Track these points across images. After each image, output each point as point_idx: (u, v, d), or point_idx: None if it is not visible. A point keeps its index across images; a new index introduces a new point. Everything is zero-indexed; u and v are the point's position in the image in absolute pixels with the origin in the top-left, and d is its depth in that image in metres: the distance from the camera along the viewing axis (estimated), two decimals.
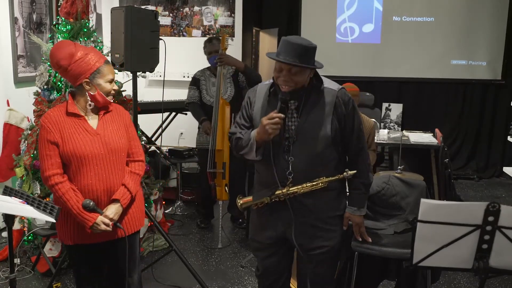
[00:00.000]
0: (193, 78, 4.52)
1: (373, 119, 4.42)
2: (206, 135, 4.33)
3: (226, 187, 4.14)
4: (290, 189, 2.24)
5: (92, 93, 2.32)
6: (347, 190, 2.42)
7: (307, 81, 2.25)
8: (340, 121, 2.26)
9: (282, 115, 2.17)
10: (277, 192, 2.27)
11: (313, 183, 2.24)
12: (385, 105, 6.68)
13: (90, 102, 2.34)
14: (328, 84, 2.30)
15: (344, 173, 2.27)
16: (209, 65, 4.50)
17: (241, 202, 2.40)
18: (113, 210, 2.33)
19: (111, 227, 2.32)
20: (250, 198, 2.39)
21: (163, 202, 4.62)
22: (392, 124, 6.66)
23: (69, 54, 2.28)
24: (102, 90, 2.32)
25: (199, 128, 4.48)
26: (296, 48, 2.14)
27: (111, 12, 3.40)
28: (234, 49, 6.14)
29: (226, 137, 4.08)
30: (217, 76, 4.16)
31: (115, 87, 2.39)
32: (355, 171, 2.27)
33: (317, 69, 2.25)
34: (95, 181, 2.31)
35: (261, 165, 2.35)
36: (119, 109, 2.49)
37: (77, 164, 2.29)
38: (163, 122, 5.16)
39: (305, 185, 2.24)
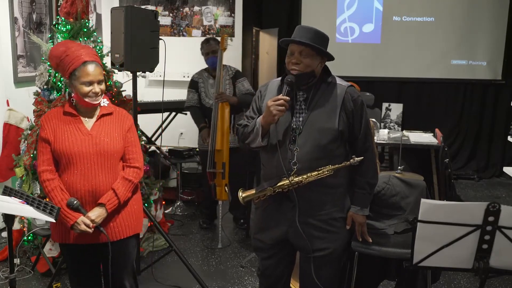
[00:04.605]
0: (191, 80, 4.51)
1: (373, 119, 4.41)
2: (203, 142, 4.35)
3: (226, 187, 4.14)
4: (294, 179, 2.23)
5: (73, 94, 2.38)
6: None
7: (317, 71, 2.27)
8: (348, 116, 2.26)
9: (288, 98, 2.19)
10: (279, 184, 2.26)
11: (319, 172, 2.23)
12: (385, 105, 6.68)
13: (72, 99, 2.41)
14: (337, 80, 2.33)
15: (351, 160, 2.25)
16: (206, 66, 4.49)
17: (243, 195, 2.36)
18: (96, 213, 2.31)
19: (92, 228, 2.30)
20: (252, 190, 2.36)
21: (163, 202, 4.62)
22: (392, 124, 6.66)
23: (55, 55, 2.35)
24: (79, 92, 2.32)
25: (199, 130, 4.48)
26: (309, 32, 2.21)
27: (111, 12, 3.40)
28: (234, 49, 6.14)
29: (225, 137, 4.09)
30: (217, 78, 4.16)
31: (96, 89, 2.32)
32: (361, 158, 2.26)
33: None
34: (80, 180, 2.31)
35: (266, 157, 2.35)
36: (121, 113, 2.47)
37: (66, 162, 2.32)
38: (163, 122, 5.16)
39: (310, 174, 2.23)
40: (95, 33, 3.79)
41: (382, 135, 5.03)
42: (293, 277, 2.61)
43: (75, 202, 2.28)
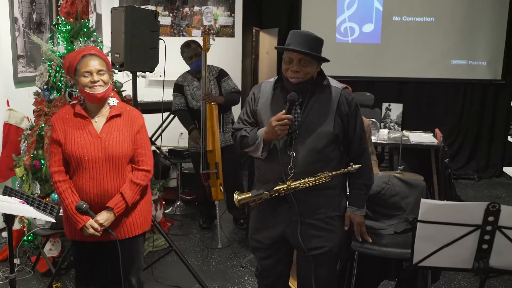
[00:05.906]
0: (176, 84, 4.46)
1: (373, 119, 4.41)
2: (194, 143, 4.35)
3: (220, 187, 4.15)
4: (291, 184, 2.23)
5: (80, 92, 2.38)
6: (348, 191, 2.42)
7: (315, 75, 2.26)
8: (343, 119, 2.26)
9: (290, 116, 2.19)
10: (276, 188, 2.26)
11: (316, 178, 2.23)
12: (385, 105, 6.68)
13: (81, 102, 2.40)
14: (332, 82, 2.32)
15: (349, 167, 2.25)
16: (188, 68, 4.45)
17: (239, 198, 2.36)
18: (104, 217, 2.34)
19: (100, 232, 2.33)
20: (248, 194, 2.36)
21: (163, 202, 4.62)
22: (392, 124, 6.65)
23: (66, 60, 2.41)
24: (80, 85, 2.33)
25: (189, 132, 4.47)
26: (306, 39, 2.18)
27: (111, 12, 3.40)
28: (234, 49, 6.14)
29: (216, 137, 4.10)
30: (202, 79, 4.14)
31: (95, 78, 2.31)
32: (359, 165, 2.26)
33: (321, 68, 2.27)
34: (89, 184, 2.33)
35: (262, 160, 2.34)
36: (132, 114, 2.44)
37: (75, 164, 2.33)
38: (163, 122, 5.16)
39: (307, 179, 2.23)
40: (95, 33, 3.79)
41: (382, 135, 5.03)
42: (291, 276, 2.61)
43: (84, 205, 2.31)
